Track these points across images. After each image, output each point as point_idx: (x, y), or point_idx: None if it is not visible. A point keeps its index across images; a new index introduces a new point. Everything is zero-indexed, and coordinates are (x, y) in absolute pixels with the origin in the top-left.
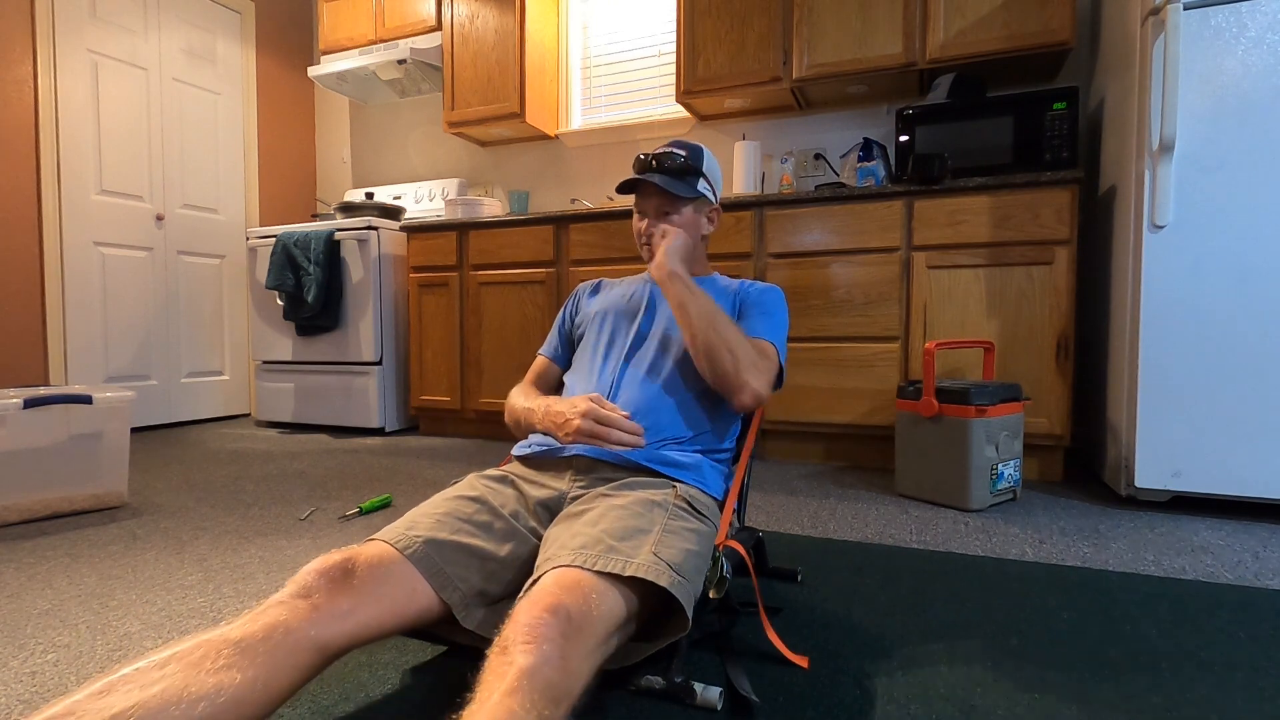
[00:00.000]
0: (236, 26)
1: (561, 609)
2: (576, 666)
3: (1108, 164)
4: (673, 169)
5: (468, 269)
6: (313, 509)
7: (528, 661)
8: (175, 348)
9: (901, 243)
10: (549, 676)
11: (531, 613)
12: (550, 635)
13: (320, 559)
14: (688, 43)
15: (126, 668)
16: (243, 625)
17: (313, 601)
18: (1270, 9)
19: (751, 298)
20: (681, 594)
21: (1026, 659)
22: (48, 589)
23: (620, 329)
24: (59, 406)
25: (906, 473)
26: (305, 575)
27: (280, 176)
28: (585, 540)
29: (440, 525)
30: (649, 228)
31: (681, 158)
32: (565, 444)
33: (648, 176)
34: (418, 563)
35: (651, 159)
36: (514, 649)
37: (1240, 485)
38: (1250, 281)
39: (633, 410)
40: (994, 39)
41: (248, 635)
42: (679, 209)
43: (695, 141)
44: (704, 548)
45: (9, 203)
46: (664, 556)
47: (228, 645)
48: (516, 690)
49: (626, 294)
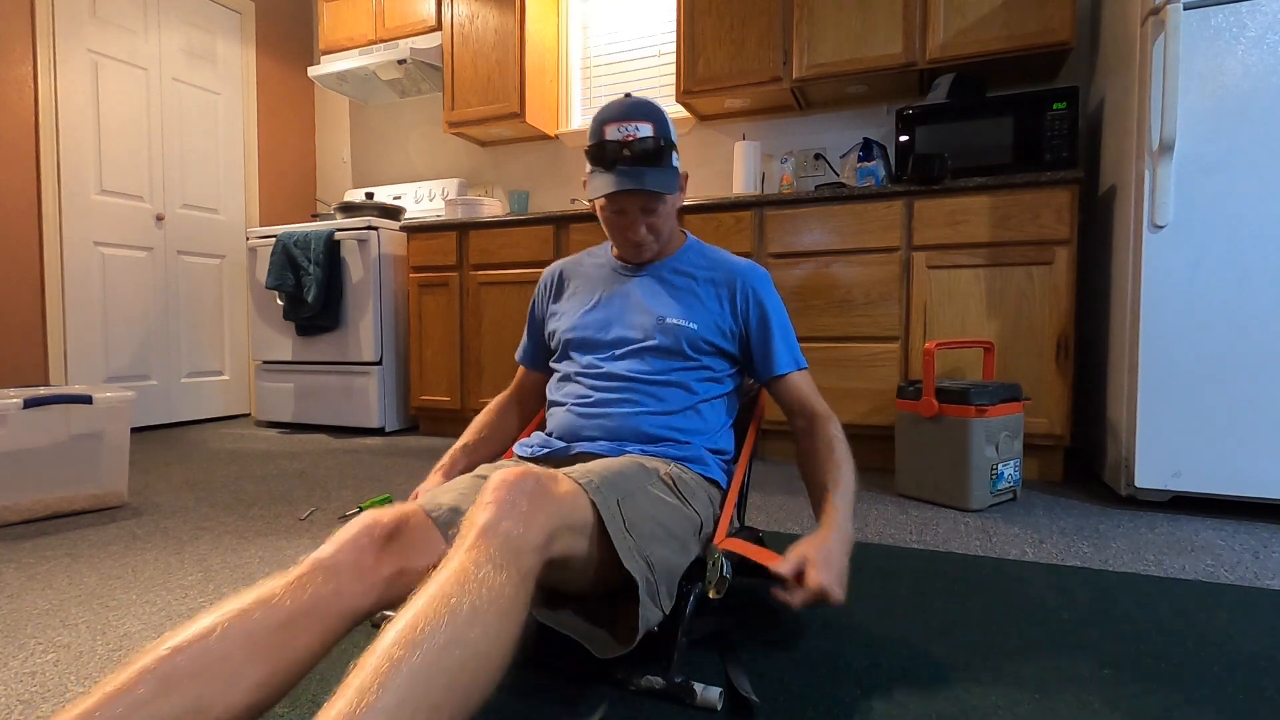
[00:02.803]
0: (236, 26)
1: (529, 475)
2: (539, 522)
3: (1108, 164)
4: (648, 154)
5: (468, 269)
6: (313, 509)
7: (486, 518)
8: (175, 348)
9: (901, 243)
10: (507, 529)
11: (496, 479)
12: (512, 497)
13: (369, 517)
14: (688, 43)
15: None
16: (289, 593)
17: (361, 567)
18: (1270, 9)
19: (755, 310)
20: (622, 546)
21: (1026, 659)
22: (48, 589)
23: (604, 332)
24: (59, 406)
25: (906, 473)
26: (352, 537)
27: (280, 176)
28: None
29: (465, 499)
30: (639, 235)
31: (650, 137)
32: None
33: (630, 182)
34: (443, 529)
35: (623, 148)
36: (477, 511)
37: (1240, 485)
38: (1250, 281)
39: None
40: (994, 39)
41: (296, 606)
42: (664, 199)
43: (645, 98)
44: (673, 524)
45: (9, 203)
46: (624, 509)
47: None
48: (473, 546)
49: (594, 294)
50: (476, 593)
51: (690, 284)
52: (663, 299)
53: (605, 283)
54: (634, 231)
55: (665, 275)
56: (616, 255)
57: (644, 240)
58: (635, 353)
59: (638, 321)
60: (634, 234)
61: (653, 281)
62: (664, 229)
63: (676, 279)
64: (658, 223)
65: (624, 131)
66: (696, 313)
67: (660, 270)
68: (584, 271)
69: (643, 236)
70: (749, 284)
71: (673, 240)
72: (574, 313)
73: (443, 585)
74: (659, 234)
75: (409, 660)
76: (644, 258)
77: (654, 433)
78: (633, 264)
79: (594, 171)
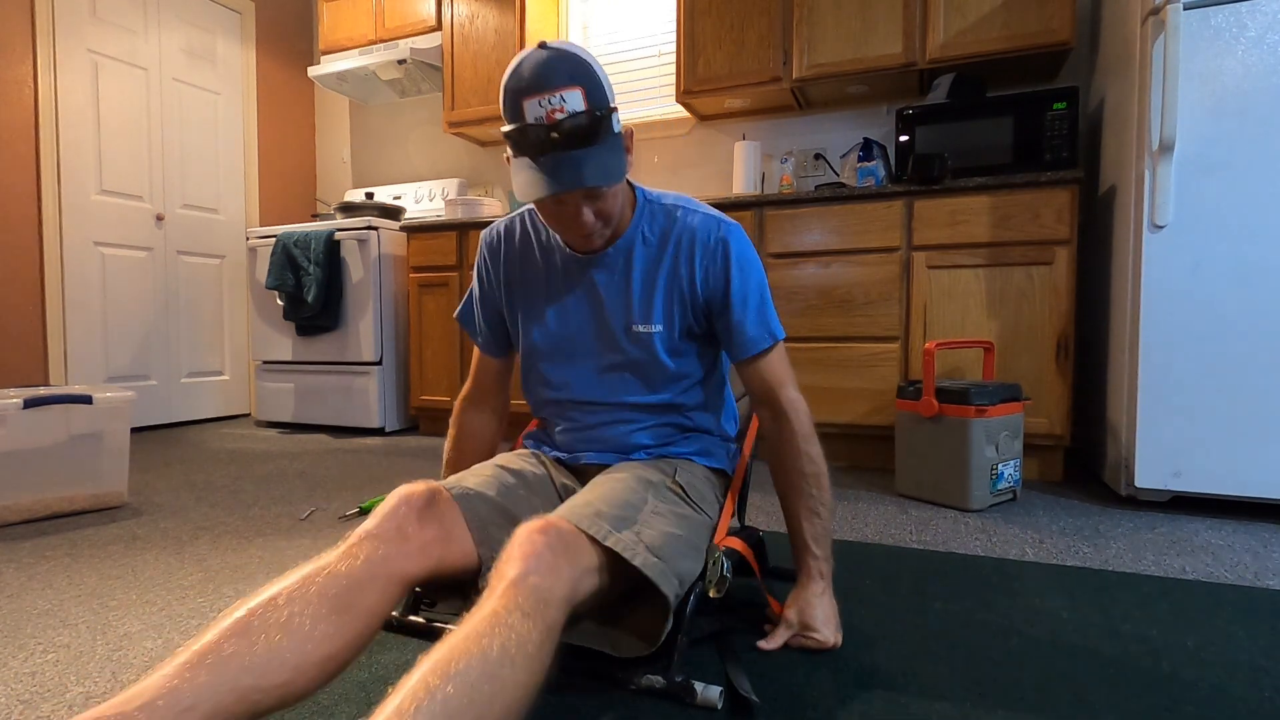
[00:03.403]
0: (236, 26)
1: (551, 528)
2: (565, 575)
3: (1108, 164)
4: (581, 132)
5: (467, 269)
6: (313, 509)
7: (515, 571)
8: (175, 348)
9: (901, 243)
10: (535, 582)
11: (523, 534)
12: (538, 550)
13: (404, 490)
14: (688, 43)
15: (246, 604)
16: (343, 560)
17: (404, 533)
18: (1270, 9)
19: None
20: (655, 573)
21: (1026, 659)
22: (48, 589)
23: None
24: (59, 406)
25: (906, 473)
26: (393, 508)
27: (280, 176)
28: (576, 504)
29: (487, 484)
30: (587, 226)
31: (581, 111)
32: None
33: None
34: (465, 510)
35: (549, 130)
36: (506, 565)
37: (1240, 485)
38: (1250, 281)
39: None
40: (994, 39)
41: (351, 570)
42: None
43: (567, 46)
44: (691, 534)
45: (9, 203)
46: (644, 537)
47: (334, 580)
48: (504, 594)
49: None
50: (506, 636)
51: (650, 270)
52: (624, 299)
53: (558, 278)
54: (579, 224)
55: (622, 265)
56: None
57: (592, 230)
58: (612, 369)
59: (606, 334)
60: (580, 227)
61: (610, 275)
62: (614, 211)
63: (635, 266)
64: (606, 207)
65: (547, 106)
66: (662, 308)
67: (616, 259)
68: (532, 256)
69: (590, 227)
70: (713, 245)
71: (627, 210)
72: (534, 315)
73: (477, 625)
74: (609, 218)
75: (443, 689)
76: (594, 245)
77: (656, 440)
78: (583, 252)
79: (517, 160)
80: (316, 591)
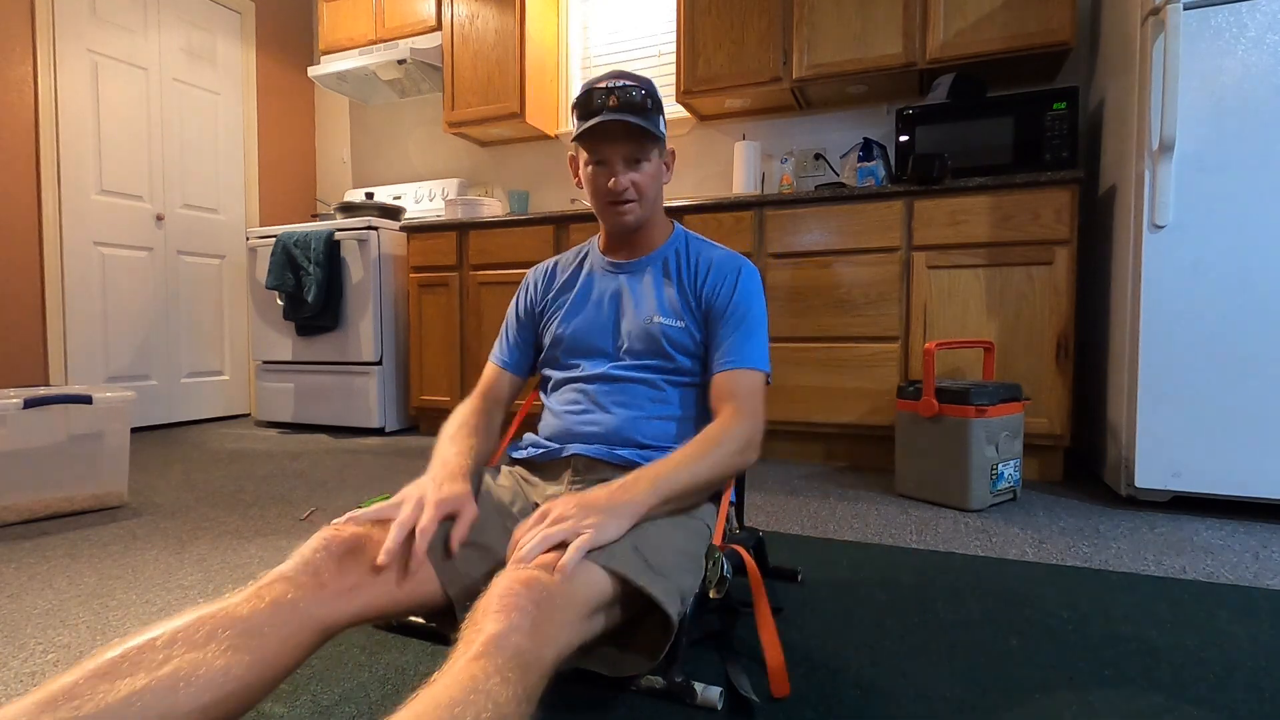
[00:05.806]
0: (236, 26)
1: (536, 582)
2: (551, 635)
3: (1108, 164)
4: (635, 104)
5: (467, 269)
6: (313, 509)
7: (496, 628)
8: (175, 348)
9: (901, 243)
10: (518, 643)
11: (505, 584)
12: (522, 605)
13: (328, 532)
14: (688, 43)
15: (121, 645)
16: (248, 601)
17: (320, 579)
18: (1270, 9)
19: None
20: (659, 590)
21: (1026, 659)
22: (48, 589)
23: (596, 336)
24: (59, 406)
25: (906, 473)
26: (312, 551)
27: (280, 176)
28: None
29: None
30: (619, 184)
31: (641, 93)
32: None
33: (615, 116)
34: (427, 550)
35: (609, 95)
36: (484, 618)
37: (1240, 485)
38: (1250, 281)
39: (621, 421)
40: (994, 39)
41: (254, 613)
42: (649, 154)
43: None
44: (692, 544)
45: (9, 203)
46: (645, 552)
47: (233, 623)
48: (481, 655)
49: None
50: (481, 705)
51: (675, 276)
52: (651, 298)
53: (593, 281)
54: (616, 183)
55: (653, 272)
56: (603, 250)
57: (627, 194)
58: (628, 353)
59: (629, 324)
60: (616, 185)
61: (640, 279)
62: (648, 190)
63: (662, 273)
64: (641, 181)
65: (613, 85)
66: (682, 307)
67: (647, 266)
68: (571, 271)
69: (625, 187)
70: (727, 270)
71: (659, 227)
72: (564, 314)
73: (448, 689)
74: (643, 194)
75: None
76: (627, 220)
77: (650, 439)
78: (620, 261)
79: (579, 124)
80: (206, 634)
